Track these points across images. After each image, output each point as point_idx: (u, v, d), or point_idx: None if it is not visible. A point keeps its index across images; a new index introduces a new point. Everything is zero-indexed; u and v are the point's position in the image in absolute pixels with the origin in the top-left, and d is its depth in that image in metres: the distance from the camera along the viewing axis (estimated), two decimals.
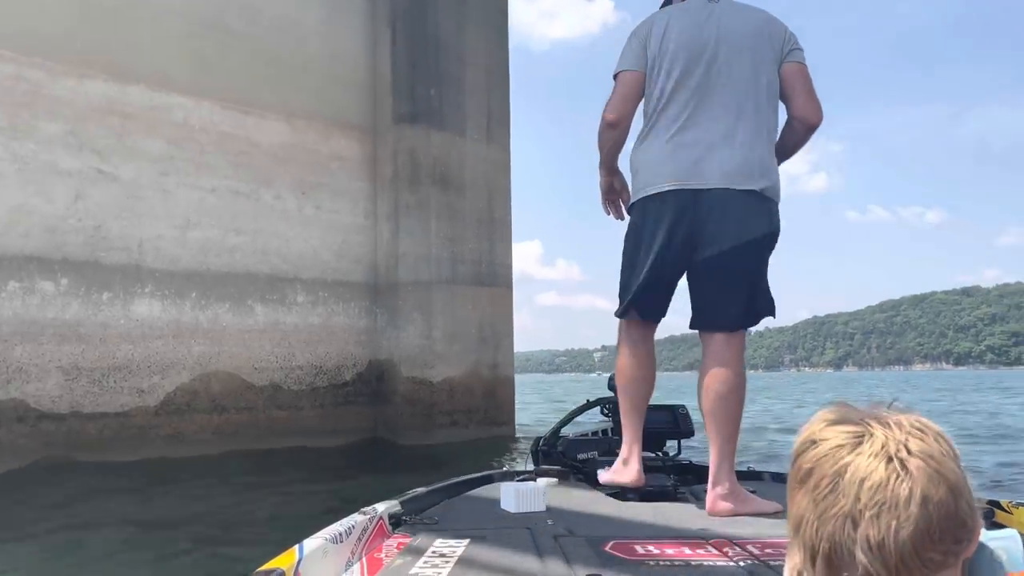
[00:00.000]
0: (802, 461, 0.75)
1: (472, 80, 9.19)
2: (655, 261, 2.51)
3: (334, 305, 8.42)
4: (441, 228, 8.78)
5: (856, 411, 0.76)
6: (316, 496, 5.56)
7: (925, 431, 0.73)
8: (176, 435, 7.12)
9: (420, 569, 1.59)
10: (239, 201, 7.73)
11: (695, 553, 1.77)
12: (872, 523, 0.69)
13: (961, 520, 0.71)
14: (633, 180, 2.62)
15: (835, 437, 0.73)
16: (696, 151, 2.44)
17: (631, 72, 2.55)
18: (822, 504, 0.72)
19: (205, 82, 7.56)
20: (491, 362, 9.11)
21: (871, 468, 0.70)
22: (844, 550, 0.70)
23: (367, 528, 1.82)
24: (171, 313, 7.19)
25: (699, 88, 2.47)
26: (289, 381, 7.97)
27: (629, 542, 1.86)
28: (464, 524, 2.06)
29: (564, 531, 1.98)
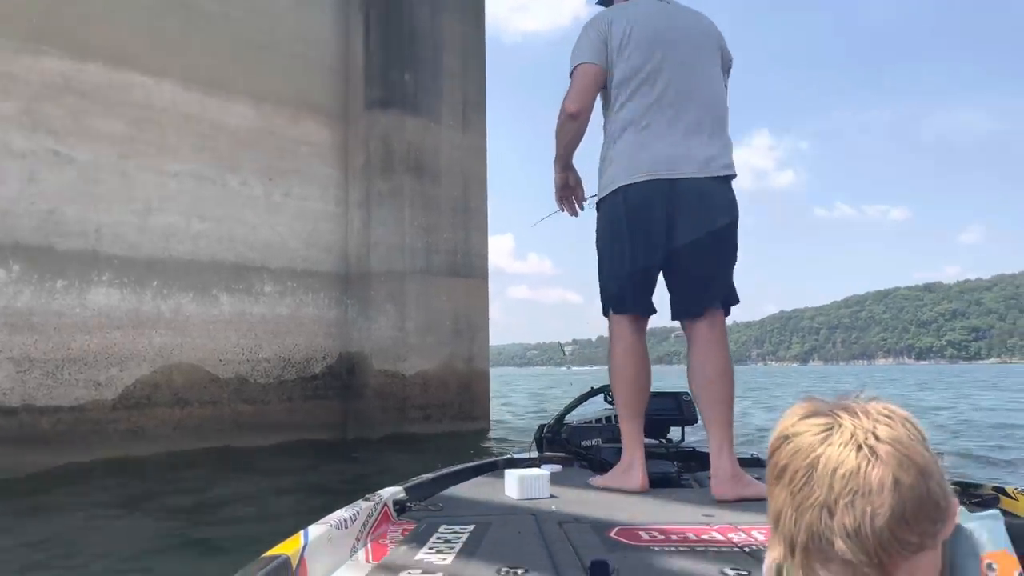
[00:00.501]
0: (777, 457, 0.77)
1: (447, 65, 8.93)
2: (644, 251, 2.50)
3: (303, 295, 8.12)
4: (415, 217, 8.52)
5: (825, 404, 0.77)
6: (284, 494, 5.31)
7: (892, 417, 0.75)
8: (135, 430, 6.79)
9: (425, 555, 1.58)
10: (203, 186, 7.41)
11: (700, 539, 1.76)
12: (847, 511, 0.70)
13: (934, 502, 0.72)
14: (605, 172, 2.58)
15: (807, 431, 0.75)
16: (669, 141, 2.46)
17: (591, 65, 2.53)
18: (798, 496, 0.73)
19: (167, 61, 7.21)
20: (466, 355, 8.87)
21: (842, 457, 0.71)
22: (823, 539, 0.71)
23: (372, 514, 1.81)
24: (130, 302, 6.86)
25: (665, 81, 2.50)
26: (256, 374, 7.67)
27: (634, 528, 1.86)
28: (469, 511, 2.06)
29: (569, 517, 1.97)
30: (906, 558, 0.72)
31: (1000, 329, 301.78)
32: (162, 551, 3.57)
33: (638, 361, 2.57)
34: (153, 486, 5.56)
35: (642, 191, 2.46)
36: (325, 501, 4.97)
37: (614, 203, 2.53)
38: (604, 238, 2.61)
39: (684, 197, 2.46)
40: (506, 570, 1.48)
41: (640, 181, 2.46)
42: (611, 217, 2.55)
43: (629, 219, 2.49)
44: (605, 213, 2.60)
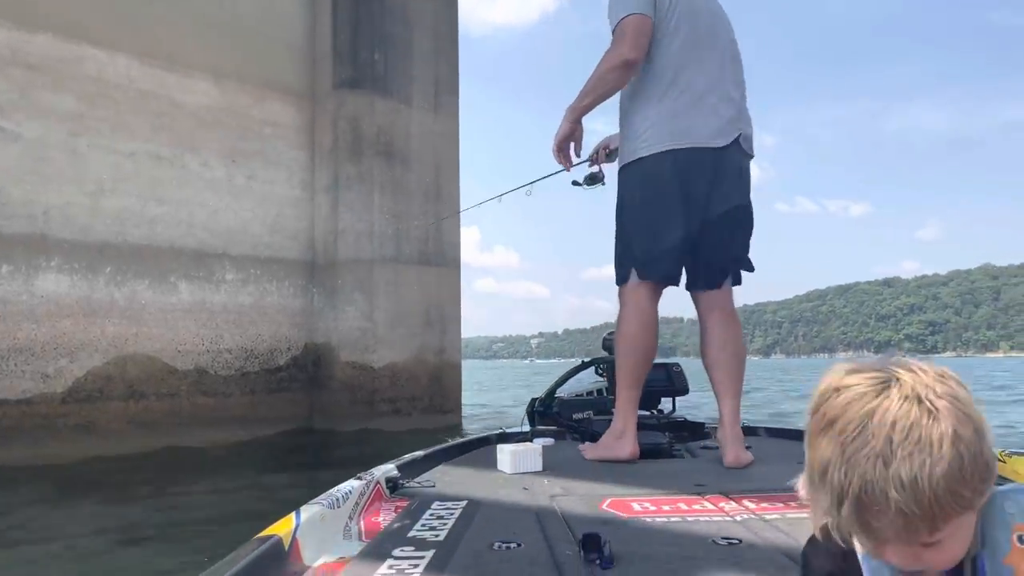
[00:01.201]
0: (825, 408, 0.75)
1: (419, 44, 8.60)
2: (687, 218, 2.45)
3: (267, 283, 7.76)
4: (385, 203, 8.19)
5: (877, 361, 0.77)
6: (245, 492, 4.99)
7: (947, 377, 0.75)
8: (86, 425, 6.40)
9: (418, 532, 1.58)
10: (161, 167, 7.01)
11: (691, 509, 1.77)
12: (905, 461, 0.69)
13: (985, 461, 0.72)
14: (643, 131, 2.50)
15: (860, 384, 0.74)
16: (717, 113, 2.46)
17: (645, 17, 2.45)
18: (850, 447, 0.71)
19: (123, 33, 6.80)
20: (437, 347, 8.58)
21: (903, 410, 0.70)
22: (876, 489, 0.70)
23: (364, 493, 1.82)
24: (81, 289, 6.45)
25: (711, 52, 2.50)
26: (216, 365, 7.31)
27: (625, 500, 1.87)
28: (461, 487, 2.06)
29: (561, 490, 1.98)
30: (957, 513, 0.71)
31: (956, 323, 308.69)
32: (100, 554, 3.25)
33: (652, 331, 2.52)
34: (102, 484, 5.20)
35: (692, 157, 2.42)
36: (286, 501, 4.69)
37: (658, 166, 2.46)
38: (640, 200, 2.51)
39: (727, 169, 2.47)
40: (499, 545, 1.47)
41: (690, 147, 2.42)
42: (654, 180, 2.47)
43: (679, 184, 2.43)
44: (645, 174, 2.49)
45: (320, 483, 2.25)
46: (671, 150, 2.43)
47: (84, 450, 6.21)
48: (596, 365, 3.40)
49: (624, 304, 2.53)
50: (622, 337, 2.53)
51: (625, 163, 2.57)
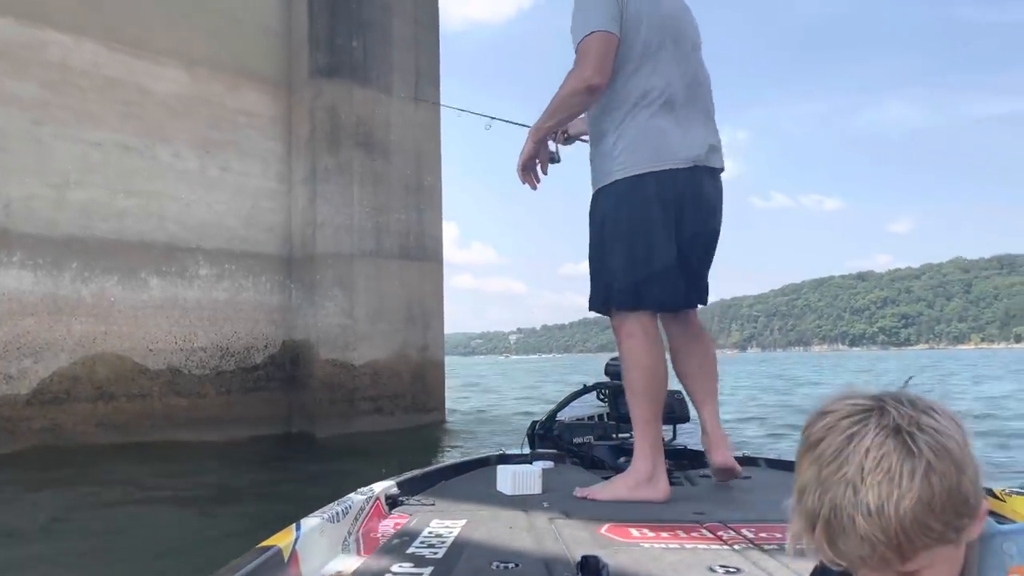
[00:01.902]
0: (811, 430, 0.76)
1: (399, 31, 8.34)
2: (670, 242, 2.37)
3: (242, 279, 7.48)
4: (364, 195, 7.93)
5: (874, 392, 0.77)
6: (222, 499, 4.73)
7: (937, 410, 0.75)
8: (52, 428, 6.11)
9: (416, 549, 1.59)
10: (130, 157, 6.70)
11: (690, 536, 1.77)
12: (873, 489, 0.70)
13: (963, 496, 0.72)
14: (617, 152, 2.39)
15: (845, 409, 0.75)
16: (688, 129, 2.39)
17: (610, 35, 2.32)
18: (826, 470, 0.73)
19: (88, 18, 6.49)
20: (420, 343, 8.34)
21: (879, 439, 0.71)
22: (844, 515, 0.71)
23: (364, 508, 1.82)
24: (46, 286, 6.14)
25: (679, 63, 2.42)
26: (190, 364, 7.02)
27: (624, 525, 1.86)
28: (460, 506, 2.07)
29: (560, 514, 1.99)
30: (926, 545, 0.72)
31: (928, 316, 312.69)
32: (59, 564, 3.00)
33: (662, 359, 2.41)
34: (68, 489, 4.92)
35: (671, 179, 2.34)
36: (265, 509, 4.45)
37: (638, 189, 2.35)
38: (621, 225, 2.38)
39: (699, 188, 2.40)
40: (497, 564, 1.48)
41: (668, 169, 2.34)
42: (633, 204, 2.36)
43: (661, 206, 2.34)
44: (624, 198, 2.37)
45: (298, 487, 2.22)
46: (650, 172, 2.34)
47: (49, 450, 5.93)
48: (598, 391, 3.34)
49: (632, 335, 2.37)
50: (642, 371, 2.35)
51: (600, 186, 2.43)
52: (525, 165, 2.58)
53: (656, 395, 2.36)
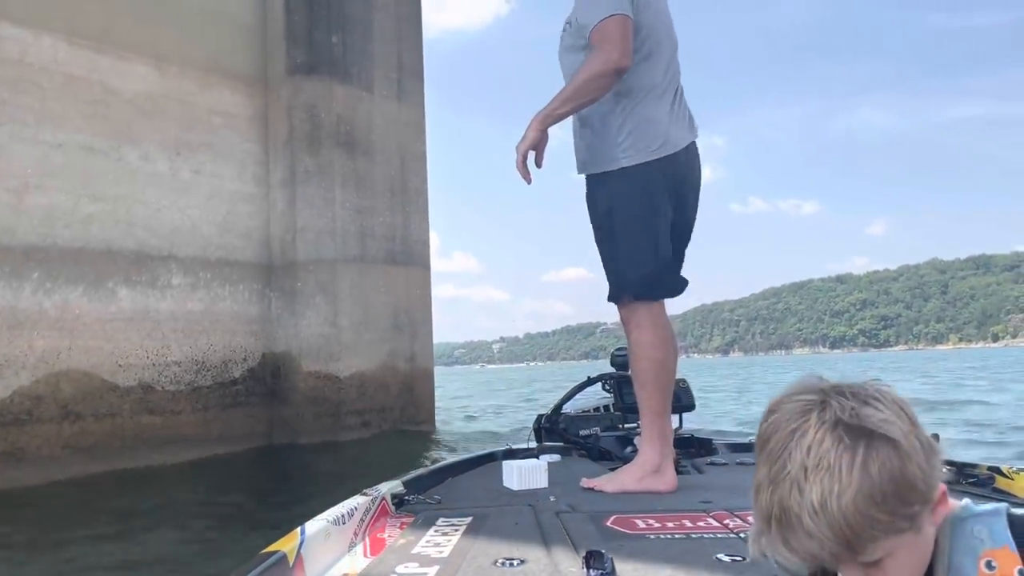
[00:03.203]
0: (762, 429, 0.77)
1: (380, 26, 7.97)
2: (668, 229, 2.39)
3: (218, 288, 7.04)
4: (347, 198, 7.53)
5: (819, 383, 0.77)
6: (200, 522, 4.32)
7: (880, 399, 0.74)
8: (13, 452, 5.64)
9: (423, 548, 1.59)
10: (95, 160, 6.26)
11: (696, 525, 1.76)
12: (815, 487, 0.70)
13: (909, 483, 0.72)
14: (627, 138, 2.35)
15: (791, 405, 0.75)
16: (679, 113, 2.42)
17: (628, 18, 2.30)
18: (774, 469, 0.74)
19: (47, 11, 6.06)
20: (407, 353, 7.94)
21: (818, 435, 0.72)
22: (792, 515, 0.71)
23: (370, 509, 1.81)
24: (4, 298, 5.69)
25: (669, 50, 2.44)
26: (163, 380, 6.57)
27: (630, 516, 1.86)
28: (467, 503, 2.07)
29: (566, 507, 1.98)
30: (875, 538, 0.72)
31: (907, 317, 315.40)
32: None
33: (672, 347, 2.38)
34: (33, 520, 4.47)
35: (673, 164, 2.36)
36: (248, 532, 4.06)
37: (647, 177, 2.34)
38: (632, 215, 2.35)
39: (694, 170, 2.45)
40: (503, 561, 1.48)
41: (670, 155, 2.35)
42: (643, 193, 2.34)
43: (665, 196, 2.35)
44: (633, 186, 2.34)
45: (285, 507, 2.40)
46: (655, 160, 2.34)
47: (11, 480, 5.47)
48: (603, 381, 3.34)
49: (641, 326, 2.36)
50: (651, 362, 2.33)
51: (602, 171, 2.39)
52: (526, 156, 2.42)
53: (665, 386, 2.34)
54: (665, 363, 2.34)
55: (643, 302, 2.34)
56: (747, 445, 3.06)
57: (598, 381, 3.36)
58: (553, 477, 2.31)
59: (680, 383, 2.98)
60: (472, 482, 2.43)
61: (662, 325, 2.36)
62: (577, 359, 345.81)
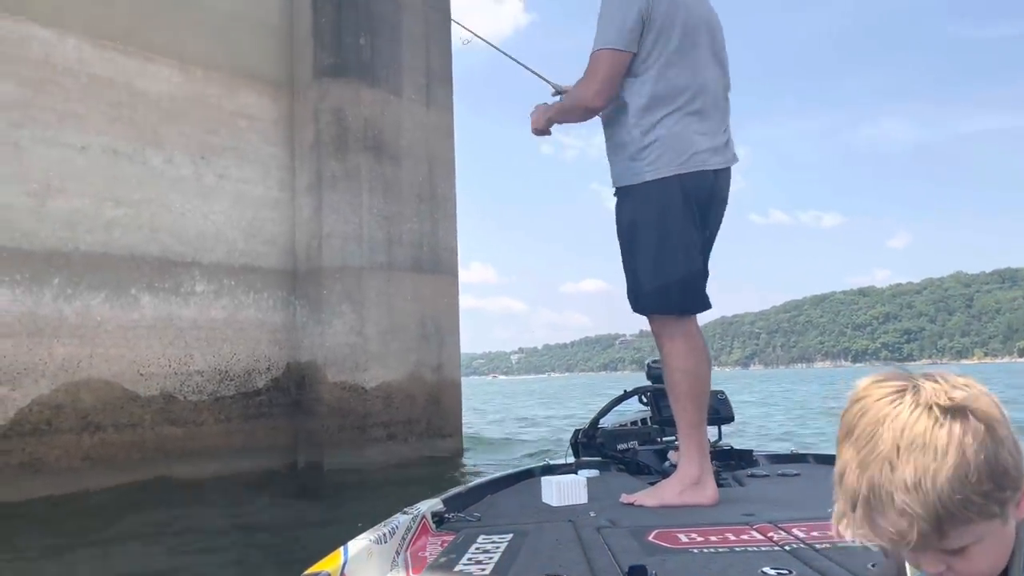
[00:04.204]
0: (847, 416, 0.79)
1: (409, 29, 7.79)
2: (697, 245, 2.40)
3: (242, 295, 6.85)
4: (374, 204, 7.33)
5: (907, 373, 0.79)
6: (223, 539, 4.11)
7: (971, 386, 0.76)
8: (32, 463, 5.46)
9: (465, 565, 1.58)
10: (118, 163, 6.11)
11: (739, 539, 1.73)
12: (909, 465, 0.71)
13: (1003, 467, 0.72)
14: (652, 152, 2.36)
15: (879, 391, 0.77)
16: (713, 131, 2.41)
17: (620, 54, 2.36)
18: (863, 451, 0.75)
19: (73, 11, 5.92)
20: (434, 363, 7.71)
21: (913, 416, 0.73)
22: (883, 492, 0.72)
23: (411, 527, 1.81)
24: (24, 304, 5.53)
25: (707, 66, 2.43)
26: (185, 390, 6.38)
27: (672, 531, 1.83)
28: (507, 519, 2.06)
29: (607, 522, 1.96)
30: (968, 520, 0.71)
31: (931, 331, 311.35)
32: None
33: (706, 359, 2.37)
34: (51, 533, 4.29)
35: (700, 181, 2.36)
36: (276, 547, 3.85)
37: (670, 191, 2.34)
38: (653, 229, 2.37)
39: (721, 190, 2.45)
40: None
41: (698, 171, 2.35)
42: (666, 206, 2.35)
43: (689, 210, 2.36)
44: (655, 200, 2.36)
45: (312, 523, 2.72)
46: (681, 174, 2.34)
47: (29, 491, 5.30)
48: (640, 395, 3.29)
49: (673, 338, 2.37)
50: (684, 374, 2.33)
51: (627, 184, 2.42)
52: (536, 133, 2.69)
53: (699, 398, 2.32)
54: (698, 374, 2.33)
55: (673, 315, 2.36)
56: (788, 456, 3.06)
57: (635, 394, 3.31)
58: (592, 492, 2.29)
59: (718, 394, 3.00)
60: (511, 499, 2.42)
61: (694, 336, 2.36)
62: (595, 371, 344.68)
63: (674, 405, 2.36)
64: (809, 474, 2.69)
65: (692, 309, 2.39)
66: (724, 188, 2.47)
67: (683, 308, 2.36)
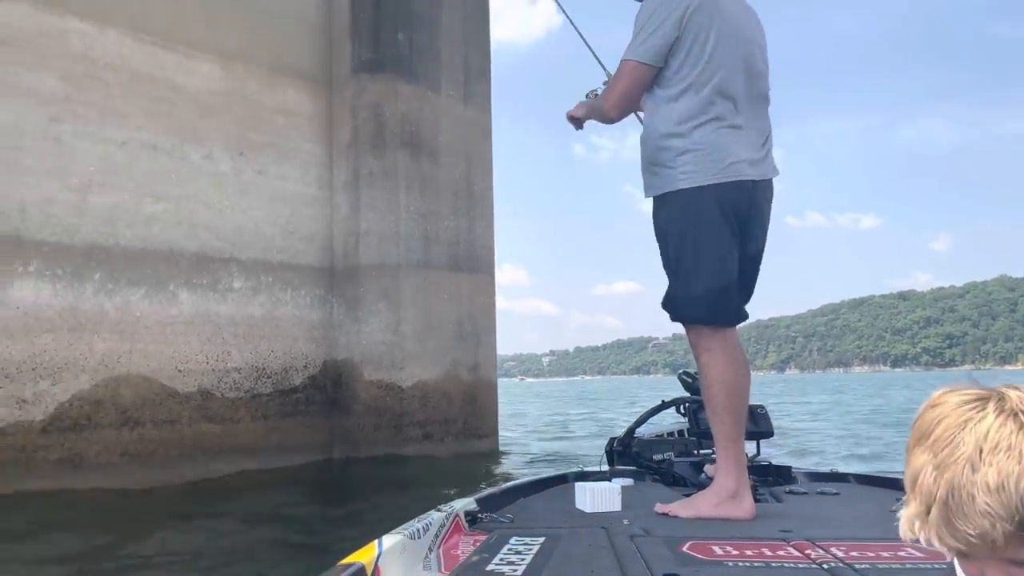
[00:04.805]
0: (923, 421, 0.78)
1: (447, 24, 7.71)
2: (734, 255, 2.38)
3: (280, 292, 6.82)
4: (411, 201, 7.26)
5: (979, 385, 0.79)
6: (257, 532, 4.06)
7: None
8: (72, 458, 5.46)
9: (496, 566, 1.59)
10: (158, 159, 6.11)
11: (776, 555, 1.70)
12: (993, 467, 0.71)
13: None
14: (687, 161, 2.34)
15: (958, 398, 0.77)
16: (753, 141, 2.39)
17: (642, 66, 2.37)
18: (942, 454, 0.74)
19: (113, 5, 5.93)
20: (471, 362, 7.62)
21: (998, 422, 0.73)
22: (963, 493, 0.72)
23: (444, 525, 1.84)
24: (65, 299, 5.54)
25: (748, 74, 2.42)
26: (223, 387, 6.36)
27: (707, 543, 1.81)
28: (539, 523, 2.07)
29: (640, 531, 1.95)
30: None
31: (974, 336, 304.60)
32: None
33: (745, 371, 2.35)
34: (88, 530, 4.26)
35: (737, 191, 2.34)
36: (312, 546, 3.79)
37: (705, 201, 2.32)
38: (687, 238, 2.36)
39: (760, 202, 2.43)
40: None
41: (734, 181, 2.32)
42: (699, 216, 2.34)
43: (725, 220, 2.33)
44: (689, 209, 2.35)
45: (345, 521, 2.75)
46: (717, 184, 2.31)
47: (69, 484, 5.31)
48: (677, 405, 3.26)
49: (710, 349, 2.34)
50: (721, 386, 2.30)
51: (662, 192, 2.41)
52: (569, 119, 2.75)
53: (737, 410, 2.30)
54: (735, 386, 2.30)
55: (710, 325, 2.33)
56: (828, 475, 3.01)
57: (672, 405, 3.29)
58: (626, 501, 2.28)
59: (757, 409, 2.97)
60: (544, 503, 2.43)
61: (731, 347, 2.33)
62: (628, 374, 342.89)
63: (711, 417, 2.35)
64: (849, 493, 2.65)
65: (721, 320, 2.35)
66: (764, 200, 2.43)
67: (711, 319, 2.33)
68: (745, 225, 2.39)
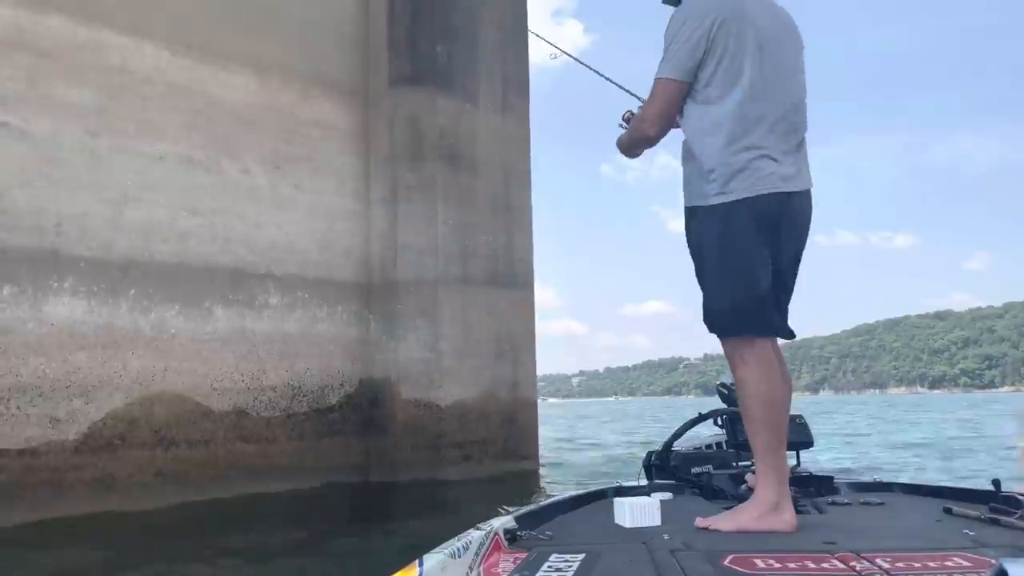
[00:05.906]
0: None
1: (485, 37, 7.57)
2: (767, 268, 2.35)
3: (316, 309, 6.67)
4: (449, 215, 7.10)
5: None
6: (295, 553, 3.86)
7: None
8: (105, 479, 5.32)
9: None
10: (194, 173, 6.01)
11: (819, 567, 1.67)
12: None
13: None
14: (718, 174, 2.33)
15: None
16: (786, 151, 2.37)
17: (673, 83, 2.39)
18: None
19: (150, 18, 5.87)
20: (510, 381, 7.40)
21: None
22: None
23: (483, 543, 1.85)
24: (100, 315, 5.42)
25: (783, 85, 2.41)
26: (258, 405, 6.20)
27: (749, 556, 1.78)
28: (579, 539, 2.07)
29: (681, 545, 1.95)
30: None
31: (1014, 357, 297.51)
32: None
33: (781, 382, 2.32)
34: (120, 554, 4.09)
35: (770, 204, 2.32)
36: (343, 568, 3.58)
37: (737, 214, 2.32)
38: (718, 251, 2.36)
39: (795, 212, 2.42)
40: None
41: (767, 194, 2.32)
42: (732, 229, 2.33)
43: (758, 234, 2.32)
44: (722, 223, 2.33)
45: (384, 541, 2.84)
46: (750, 197, 2.30)
47: (102, 505, 5.16)
48: (715, 418, 3.25)
49: (746, 362, 2.33)
50: (758, 399, 2.28)
51: (695, 205, 2.40)
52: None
53: (775, 422, 2.29)
54: (772, 400, 2.28)
55: (746, 338, 2.32)
56: (872, 484, 2.97)
57: (710, 417, 3.27)
58: (666, 515, 2.27)
59: (796, 419, 2.95)
60: (583, 519, 2.43)
61: (768, 360, 2.31)
62: (658, 395, 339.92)
63: (749, 429, 2.34)
64: (894, 503, 2.61)
65: (754, 332, 2.33)
66: (801, 211, 2.43)
67: (744, 330, 2.32)
68: (778, 237, 2.38)
